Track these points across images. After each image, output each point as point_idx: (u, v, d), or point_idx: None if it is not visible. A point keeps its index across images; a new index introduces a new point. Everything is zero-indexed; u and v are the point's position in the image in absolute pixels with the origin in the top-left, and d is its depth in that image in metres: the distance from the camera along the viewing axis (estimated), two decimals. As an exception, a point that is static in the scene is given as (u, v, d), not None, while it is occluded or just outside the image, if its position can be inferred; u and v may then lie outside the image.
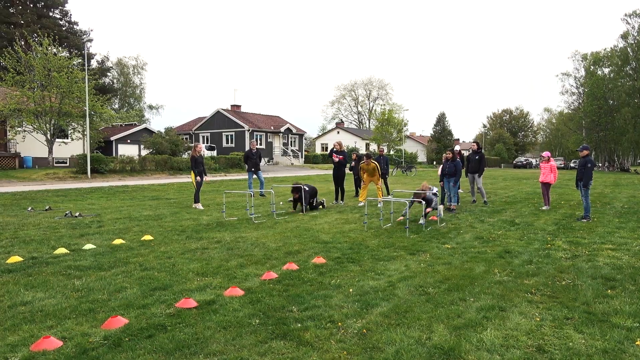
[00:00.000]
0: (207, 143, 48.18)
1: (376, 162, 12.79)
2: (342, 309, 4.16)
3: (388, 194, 14.81)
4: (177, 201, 14.02)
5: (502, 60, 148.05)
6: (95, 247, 6.97)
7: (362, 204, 12.23)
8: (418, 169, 40.68)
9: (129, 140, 44.93)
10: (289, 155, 48.64)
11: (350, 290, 4.72)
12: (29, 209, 11.39)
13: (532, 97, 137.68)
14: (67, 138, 30.99)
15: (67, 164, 31.58)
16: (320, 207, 11.72)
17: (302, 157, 51.18)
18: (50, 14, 46.08)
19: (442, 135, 60.67)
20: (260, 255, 6.40)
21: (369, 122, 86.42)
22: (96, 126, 31.82)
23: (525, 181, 23.64)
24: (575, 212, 11.18)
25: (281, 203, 12.81)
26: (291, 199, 13.87)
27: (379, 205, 12.19)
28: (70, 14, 47.83)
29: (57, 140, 28.57)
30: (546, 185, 11.73)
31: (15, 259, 6.10)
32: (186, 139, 45.89)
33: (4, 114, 25.69)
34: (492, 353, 3.23)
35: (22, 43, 27.81)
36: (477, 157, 12.92)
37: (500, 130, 75.04)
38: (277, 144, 49.71)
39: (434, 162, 56.16)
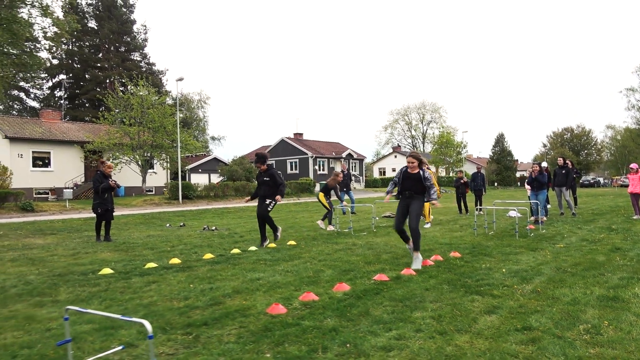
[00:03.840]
0: (272, 170, 50.53)
1: (431, 170, 12.43)
2: (506, 280, 5.35)
3: (479, 209, 15.54)
4: (279, 218, 15.64)
5: (560, 78, 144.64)
6: (257, 249, 8.51)
7: (427, 225, 11.82)
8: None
9: (200, 170, 48.08)
10: (352, 180, 50.06)
11: (503, 270, 5.91)
12: (168, 225, 13.32)
13: (594, 114, 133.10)
14: (152, 168, 33.95)
15: (153, 192, 34.50)
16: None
17: (363, 181, 52.52)
18: (132, 56, 50.73)
19: (501, 156, 60.36)
20: (401, 253, 7.68)
21: (423, 146, 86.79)
22: (174, 156, 34.79)
23: (601, 197, 23.77)
24: (668, 220, 11.74)
25: (377, 218, 14.09)
26: (387, 214, 15.14)
27: (426, 227, 11.50)
28: (149, 56, 52.30)
29: (148, 170, 31.49)
30: (636, 196, 12.37)
31: (209, 255, 7.71)
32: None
33: (105, 148, 28.86)
34: (649, 299, 4.33)
35: (119, 85, 31.15)
36: (563, 171, 13.73)
37: (561, 149, 73.30)
38: (339, 169, 51.36)
39: (495, 183, 55.81)
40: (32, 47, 13.27)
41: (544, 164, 12.47)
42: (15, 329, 4.09)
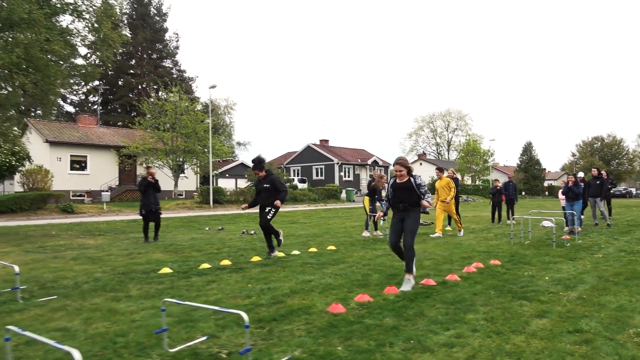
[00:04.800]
0: (298, 176, 51.15)
1: (451, 179, 12.13)
2: (550, 287, 5.58)
3: (511, 218, 15.44)
4: (312, 224, 16.04)
5: (590, 86, 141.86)
6: (300, 253, 8.87)
7: (437, 234, 11.38)
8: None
9: (227, 175, 48.96)
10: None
11: (546, 278, 6.12)
12: (207, 228, 13.84)
13: (625, 123, 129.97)
14: (184, 173, 34.84)
15: (184, 196, 35.36)
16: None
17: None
18: (164, 64, 52.14)
19: (529, 165, 59.65)
20: (441, 259, 7.94)
21: (448, 154, 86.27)
22: (205, 161, 35.61)
23: (635, 208, 23.43)
24: None
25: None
26: (425, 222, 15.20)
27: (459, 235, 11.53)
28: (180, 64, 53.66)
29: (180, 175, 32.38)
30: (673, 208, 12.31)
31: (256, 258, 8.11)
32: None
33: (140, 153, 29.84)
34: (694, 308, 4.52)
35: (154, 92, 32.17)
36: (597, 182, 13.73)
37: (591, 158, 71.99)
38: (364, 176, 51.60)
39: (523, 192, 55.11)
40: (81, 55, 14.00)
41: (581, 174, 12.48)
42: (103, 319, 4.53)
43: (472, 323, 4.18)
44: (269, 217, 8.29)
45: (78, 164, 32.22)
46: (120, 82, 52.87)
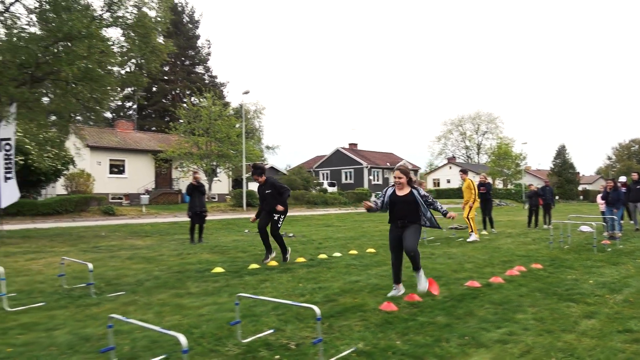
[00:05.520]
0: (327, 179, 51.51)
1: (472, 181, 12.18)
2: (596, 290, 5.70)
3: (548, 223, 15.21)
4: (347, 227, 16.32)
5: (627, 86, 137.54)
6: (341, 255, 9.16)
7: (473, 237, 11.53)
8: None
9: (257, 178, 49.66)
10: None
11: (590, 282, 6.23)
12: (246, 230, 14.29)
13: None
14: (217, 176, 35.67)
15: (216, 199, 36.17)
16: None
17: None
18: (196, 70, 53.44)
19: (563, 169, 58.42)
20: (481, 263, 8.08)
21: (478, 157, 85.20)
22: (238, 165, 36.36)
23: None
24: None
25: (445, 230, 14.43)
26: (454, 226, 15.31)
27: (470, 240, 11.34)
28: (212, 69, 54.89)
29: (213, 178, 33.22)
30: None
31: (301, 259, 8.45)
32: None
33: (176, 157, 30.77)
34: None
35: (188, 97, 33.13)
36: (638, 187, 13.55)
37: (628, 162, 69.92)
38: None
39: (557, 197, 54.01)
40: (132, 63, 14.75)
41: (623, 178, 12.33)
42: (172, 314, 4.91)
43: (522, 322, 4.38)
44: (279, 225, 8.26)
45: (116, 168, 33.42)
46: (154, 89, 54.47)
